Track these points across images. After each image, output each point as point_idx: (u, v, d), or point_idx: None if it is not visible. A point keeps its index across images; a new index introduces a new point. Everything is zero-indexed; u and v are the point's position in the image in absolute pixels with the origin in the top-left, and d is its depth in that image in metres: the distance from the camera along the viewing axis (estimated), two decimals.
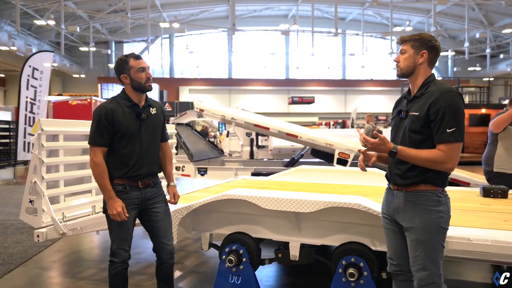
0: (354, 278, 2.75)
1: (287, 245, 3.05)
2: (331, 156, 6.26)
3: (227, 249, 3.12)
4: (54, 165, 3.69)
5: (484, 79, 26.01)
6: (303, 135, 6.46)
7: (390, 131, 2.33)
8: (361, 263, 2.78)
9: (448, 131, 1.99)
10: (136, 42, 32.71)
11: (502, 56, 32.91)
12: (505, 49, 31.55)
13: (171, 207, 2.93)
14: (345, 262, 2.82)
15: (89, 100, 13.23)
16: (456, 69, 35.81)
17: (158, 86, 27.09)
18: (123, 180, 2.60)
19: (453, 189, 4.39)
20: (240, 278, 3.06)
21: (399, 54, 2.19)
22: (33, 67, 11.01)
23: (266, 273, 3.82)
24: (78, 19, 26.16)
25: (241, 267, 3.06)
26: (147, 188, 2.68)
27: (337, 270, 2.83)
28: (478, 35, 28.82)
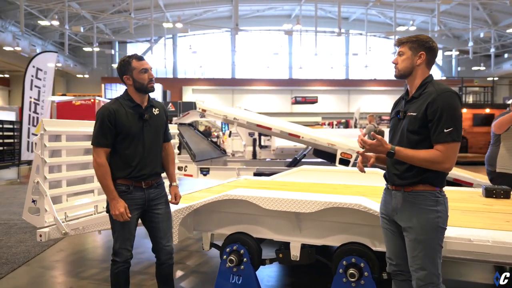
0: (354, 278, 2.75)
1: (288, 245, 3.06)
2: (333, 156, 6.27)
3: (228, 249, 3.13)
4: (56, 165, 3.72)
5: (488, 79, 25.85)
6: (305, 135, 6.46)
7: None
8: (362, 263, 2.78)
9: (445, 131, 2.01)
10: (139, 42, 32.77)
11: (506, 55, 32.71)
12: (510, 48, 31.31)
13: (172, 207, 2.94)
14: (345, 262, 2.82)
15: (93, 100, 13.27)
16: (460, 69, 35.62)
17: (161, 86, 27.10)
18: (127, 180, 2.61)
19: (456, 190, 4.38)
20: (241, 278, 3.06)
21: (397, 56, 2.22)
22: (37, 68, 11.07)
23: (267, 273, 3.82)
24: (82, 20, 26.24)
25: (242, 267, 3.07)
26: (151, 188, 2.69)
27: (338, 270, 2.84)
28: (482, 35, 28.67)
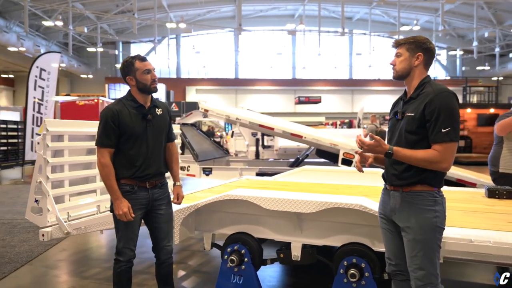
0: (355, 279, 2.74)
1: (289, 246, 3.06)
2: (336, 156, 6.26)
3: (229, 249, 3.14)
4: (59, 165, 3.74)
5: (493, 79, 25.72)
6: (308, 135, 6.45)
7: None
8: (363, 263, 2.78)
9: (443, 131, 2.02)
10: (143, 42, 32.86)
11: (511, 55, 32.53)
12: None
13: (174, 207, 2.95)
14: (346, 262, 2.81)
15: (96, 100, 13.33)
16: (464, 69, 35.46)
17: (164, 86, 27.20)
18: (131, 180, 2.63)
19: (458, 190, 4.36)
20: (242, 278, 3.07)
21: (394, 57, 2.24)
22: (41, 68, 11.13)
23: (269, 273, 3.83)
24: (85, 20, 26.35)
25: (243, 267, 3.07)
26: (155, 188, 2.71)
27: (339, 270, 2.83)
28: (487, 34, 28.50)
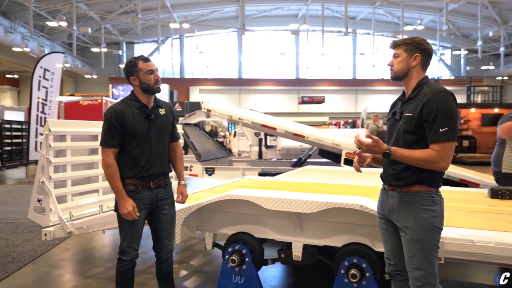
0: (356, 279, 2.74)
1: (290, 246, 3.06)
2: (339, 156, 6.25)
3: (230, 249, 3.14)
4: (61, 165, 3.75)
5: (497, 78, 25.57)
6: (310, 135, 6.45)
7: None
8: (364, 264, 2.77)
9: (440, 131, 2.02)
10: (146, 42, 32.93)
11: None
12: None
13: (176, 207, 2.96)
14: (347, 263, 2.81)
15: (100, 100, 13.37)
16: (469, 68, 35.29)
17: (168, 86, 27.18)
18: (135, 180, 2.65)
19: (461, 190, 4.34)
20: (243, 278, 3.07)
21: (392, 58, 2.24)
22: (44, 68, 11.19)
23: (271, 273, 3.83)
24: (89, 20, 26.43)
25: (244, 267, 3.08)
26: (159, 188, 2.73)
27: (339, 271, 2.83)
28: (491, 34, 28.36)
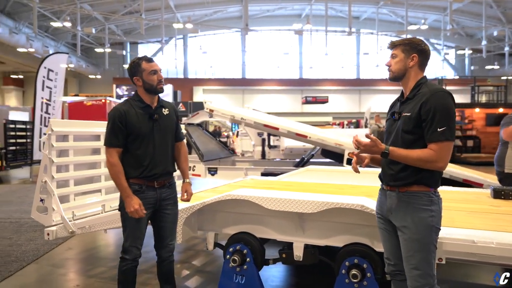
0: (357, 279, 2.74)
1: (291, 246, 3.06)
2: (341, 156, 6.24)
3: (231, 249, 3.14)
4: (64, 165, 3.77)
5: (502, 78, 25.42)
6: (313, 135, 6.44)
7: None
8: (365, 264, 2.77)
9: (438, 130, 2.02)
10: (150, 43, 32.99)
11: None
12: None
13: (178, 206, 2.97)
14: (348, 263, 2.80)
15: (104, 100, 13.40)
16: (473, 68, 35.10)
17: (172, 86, 27.24)
18: (139, 180, 2.66)
19: (464, 190, 4.32)
20: (244, 278, 3.07)
21: (390, 58, 2.26)
22: (48, 69, 11.24)
23: (272, 273, 3.83)
24: (93, 21, 26.51)
25: (245, 267, 3.08)
26: (163, 188, 2.74)
27: (341, 271, 2.82)
28: (496, 33, 28.21)
